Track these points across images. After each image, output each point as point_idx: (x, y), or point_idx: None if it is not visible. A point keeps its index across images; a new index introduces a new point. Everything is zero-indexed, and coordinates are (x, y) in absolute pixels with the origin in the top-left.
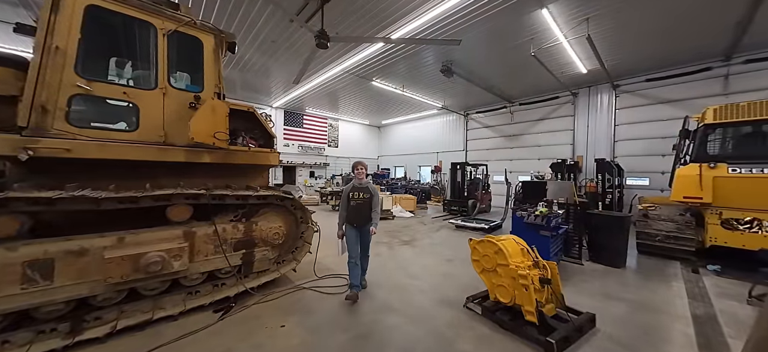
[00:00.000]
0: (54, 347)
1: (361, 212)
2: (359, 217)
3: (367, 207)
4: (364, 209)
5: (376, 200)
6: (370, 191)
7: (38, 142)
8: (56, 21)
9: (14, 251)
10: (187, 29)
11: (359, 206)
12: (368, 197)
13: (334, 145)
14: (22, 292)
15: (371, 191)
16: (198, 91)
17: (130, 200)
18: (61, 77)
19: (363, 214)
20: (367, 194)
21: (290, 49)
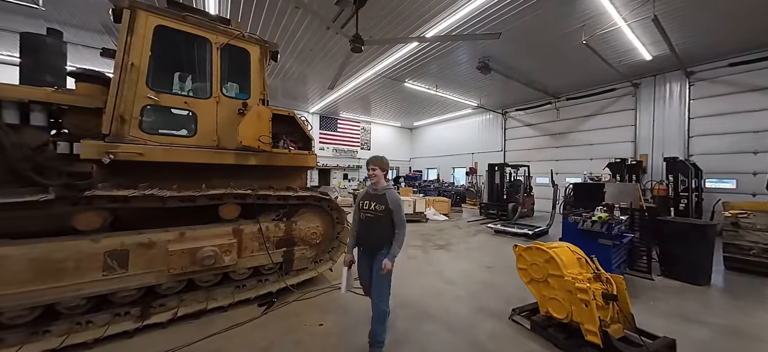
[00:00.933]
0: (127, 328)
1: (373, 231)
2: (370, 237)
3: (381, 225)
4: (377, 226)
5: (399, 217)
6: (386, 200)
7: (117, 148)
8: (131, 41)
9: (98, 242)
10: (236, 42)
11: (370, 221)
12: (383, 210)
13: (367, 148)
14: (104, 278)
15: (390, 202)
16: (245, 99)
17: (189, 198)
18: (136, 90)
19: (376, 233)
20: (382, 205)
21: (326, 56)
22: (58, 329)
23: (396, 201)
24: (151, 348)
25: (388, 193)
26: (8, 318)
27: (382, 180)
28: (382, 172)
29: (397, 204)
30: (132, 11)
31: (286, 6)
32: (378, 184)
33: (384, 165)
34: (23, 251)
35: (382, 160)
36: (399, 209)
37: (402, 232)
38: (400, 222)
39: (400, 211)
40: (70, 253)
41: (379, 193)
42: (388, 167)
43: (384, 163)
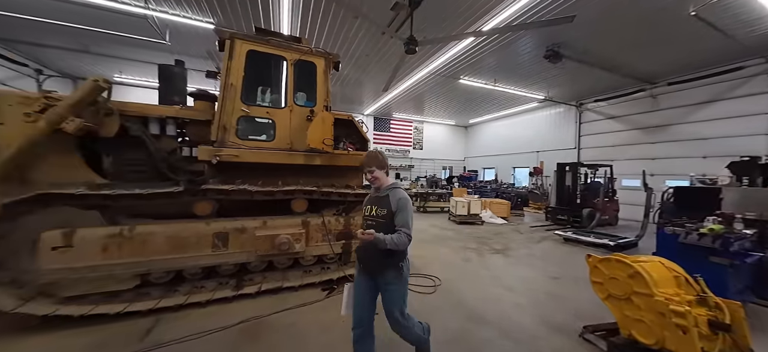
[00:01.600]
0: (226, 295)
1: (373, 244)
2: (368, 252)
3: (382, 233)
4: (377, 238)
5: (402, 218)
6: (389, 202)
7: (222, 151)
8: (231, 65)
9: (209, 225)
10: (306, 57)
11: (371, 229)
12: (385, 215)
13: (419, 148)
14: (212, 254)
15: (392, 202)
16: (312, 106)
17: (270, 193)
18: (233, 105)
19: (376, 248)
20: (384, 209)
21: (381, 60)
22: (184, 289)
23: (401, 199)
24: (243, 313)
25: (392, 193)
26: (154, 278)
27: (384, 179)
28: (381, 171)
29: (402, 203)
30: (232, 40)
31: (345, 18)
32: (381, 185)
33: (381, 162)
34: (163, 230)
35: (377, 157)
36: (404, 209)
37: (403, 235)
38: (404, 223)
39: (405, 212)
40: (192, 232)
41: (382, 194)
42: (387, 164)
43: (380, 159)
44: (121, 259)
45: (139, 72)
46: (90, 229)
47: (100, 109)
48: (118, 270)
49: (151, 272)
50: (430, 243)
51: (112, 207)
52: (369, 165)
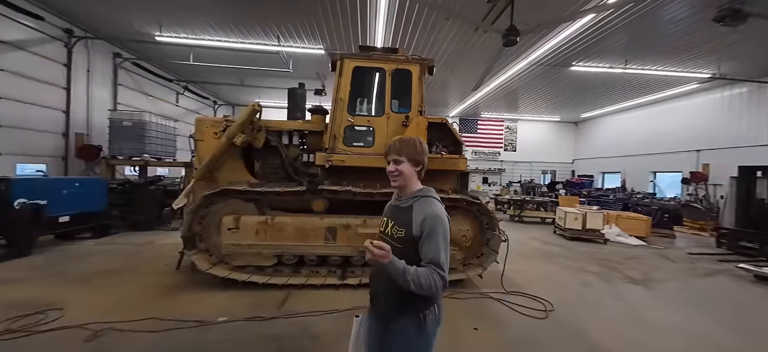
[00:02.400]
0: (334, 283)
1: (384, 276)
2: (378, 287)
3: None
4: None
5: (432, 248)
6: (410, 219)
7: (332, 157)
8: (340, 82)
9: (322, 220)
10: (402, 65)
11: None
12: (404, 237)
13: (511, 149)
14: (324, 245)
15: (416, 221)
16: (407, 112)
17: (369, 194)
18: (342, 116)
19: (388, 281)
20: (402, 228)
21: (470, 58)
22: (305, 271)
23: (430, 217)
24: (347, 301)
25: (418, 204)
26: (285, 259)
27: (411, 179)
28: (411, 166)
29: (431, 223)
30: (341, 60)
31: (436, 21)
32: (404, 188)
33: (415, 152)
34: (292, 221)
35: (410, 144)
36: (433, 233)
37: (436, 274)
38: (434, 256)
39: (435, 238)
40: (310, 225)
41: (403, 204)
42: (424, 159)
43: (414, 148)
44: (266, 241)
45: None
46: (249, 216)
47: (254, 126)
48: (264, 250)
49: (283, 254)
50: (532, 258)
51: (262, 201)
52: (394, 152)
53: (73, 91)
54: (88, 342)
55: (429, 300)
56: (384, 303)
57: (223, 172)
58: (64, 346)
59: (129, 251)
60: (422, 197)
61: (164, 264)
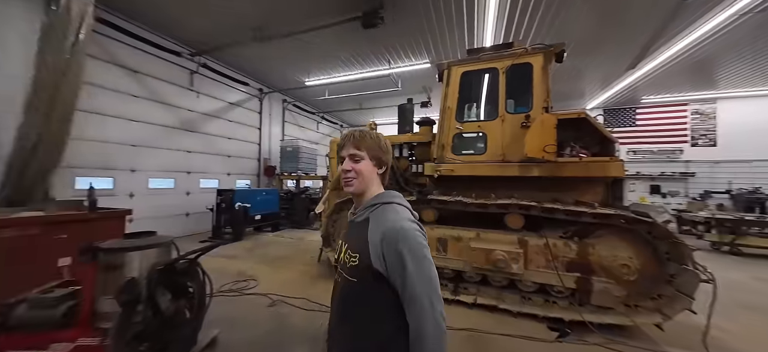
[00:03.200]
0: (446, 297)
1: (339, 316)
2: (335, 329)
3: (351, 303)
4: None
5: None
6: (366, 239)
7: (440, 167)
8: (448, 91)
9: (433, 230)
10: (520, 59)
11: (336, 291)
12: (357, 266)
13: (707, 143)
14: (436, 256)
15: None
16: (527, 111)
17: (482, 206)
18: (449, 124)
19: (343, 325)
20: (356, 253)
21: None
22: None
23: (392, 235)
24: (459, 319)
25: (375, 216)
26: None
27: (371, 185)
28: (372, 165)
29: (396, 244)
30: (448, 69)
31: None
32: (361, 195)
33: (377, 148)
34: None
35: (371, 137)
36: (408, 255)
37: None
38: (420, 286)
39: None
40: None
41: (358, 219)
42: (389, 156)
43: (376, 142)
44: None
45: (385, 114)
46: None
47: None
48: None
49: None
50: (762, 312)
51: None
52: (352, 145)
53: (263, 130)
54: (269, 308)
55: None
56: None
57: None
58: (256, 307)
59: (291, 243)
60: (382, 204)
61: (310, 257)
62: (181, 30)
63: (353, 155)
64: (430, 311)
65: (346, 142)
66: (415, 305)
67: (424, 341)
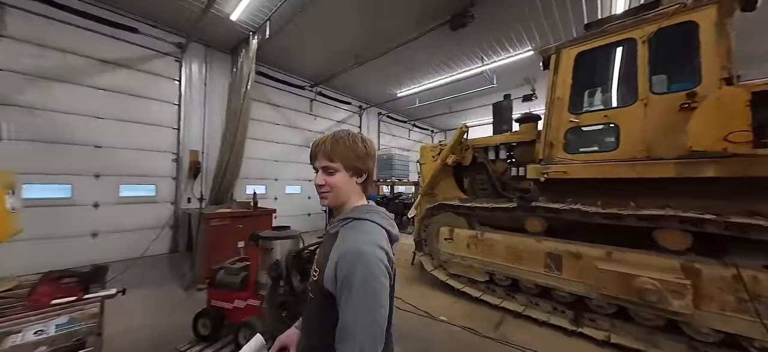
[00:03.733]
0: (563, 325)
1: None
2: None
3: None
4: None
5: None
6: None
7: (548, 169)
8: (556, 79)
9: (540, 243)
10: (673, 19)
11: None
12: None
13: None
14: (545, 274)
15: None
16: (691, 88)
17: (615, 216)
18: (560, 118)
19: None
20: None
21: None
22: (520, 298)
23: (349, 259)
24: None
25: (343, 232)
26: (497, 279)
27: (349, 197)
28: (348, 176)
29: (352, 271)
30: (557, 53)
31: None
32: (339, 207)
33: (353, 155)
34: (502, 239)
35: (345, 143)
36: (347, 281)
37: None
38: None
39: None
40: (524, 247)
41: (332, 230)
42: (371, 160)
43: (352, 149)
44: (476, 255)
45: (477, 115)
46: (461, 229)
47: (463, 146)
48: (475, 264)
49: (495, 272)
50: None
51: (471, 216)
52: (323, 157)
53: None
54: None
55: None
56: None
57: (440, 188)
58: None
59: None
60: (354, 219)
61: (404, 259)
62: (304, 68)
63: (326, 168)
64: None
65: (317, 153)
66: (345, 335)
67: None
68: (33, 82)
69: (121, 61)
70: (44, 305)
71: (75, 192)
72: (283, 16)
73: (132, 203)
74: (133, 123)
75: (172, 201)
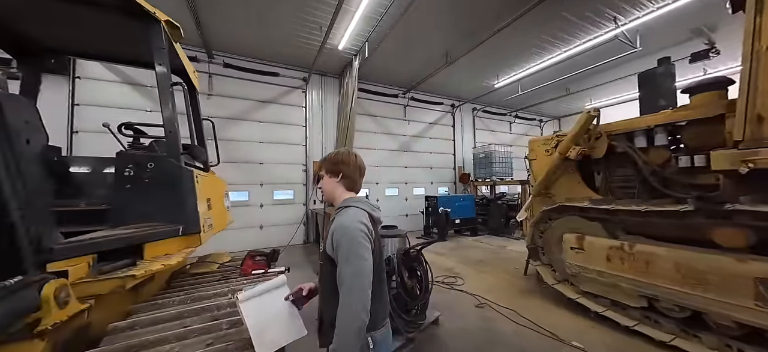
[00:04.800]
0: None
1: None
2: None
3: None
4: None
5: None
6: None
7: (757, 154)
8: (762, 21)
9: (744, 263)
10: None
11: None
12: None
13: None
14: (756, 308)
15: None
16: None
17: None
18: None
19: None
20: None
21: None
22: (707, 340)
23: (336, 233)
24: None
25: (337, 215)
26: (663, 307)
27: (335, 193)
28: (328, 178)
29: (336, 241)
30: None
31: None
32: (333, 201)
33: (330, 162)
34: (668, 254)
35: (328, 157)
36: (340, 251)
37: (350, 299)
38: (346, 279)
39: (342, 257)
40: (712, 266)
41: (332, 218)
42: (342, 165)
43: (330, 159)
44: (624, 273)
45: (609, 92)
46: (595, 238)
47: (591, 135)
48: (623, 283)
49: (658, 298)
50: None
51: (611, 221)
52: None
53: (456, 140)
54: (477, 308)
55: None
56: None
57: (559, 187)
58: (465, 303)
59: (491, 249)
60: (343, 208)
61: (514, 267)
62: (397, 77)
63: (319, 177)
64: (347, 297)
65: (316, 171)
66: (341, 283)
67: (341, 315)
68: (226, 122)
69: (270, 99)
70: (248, 273)
71: (250, 196)
72: (380, 34)
73: (280, 204)
74: (278, 144)
75: (304, 203)
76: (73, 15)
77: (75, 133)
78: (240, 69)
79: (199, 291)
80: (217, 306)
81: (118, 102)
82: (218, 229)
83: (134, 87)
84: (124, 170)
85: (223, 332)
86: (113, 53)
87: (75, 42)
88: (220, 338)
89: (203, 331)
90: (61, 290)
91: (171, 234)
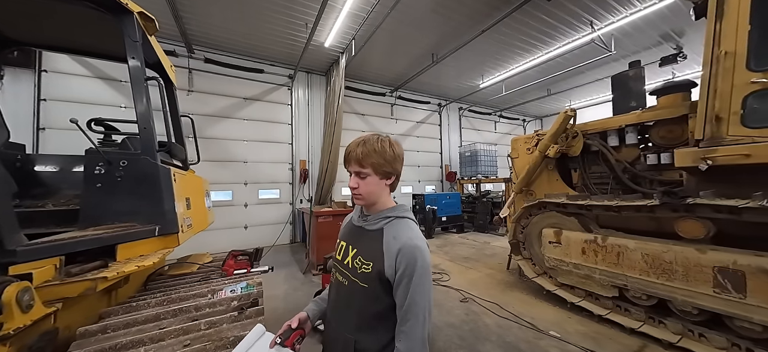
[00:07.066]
0: None
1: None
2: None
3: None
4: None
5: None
6: (381, 249)
7: (715, 152)
8: (720, 27)
9: (704, 253)
10: None
11: (342, 291)
12: (370, 273)
13: None
14: (714, 295)
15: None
16: None
17: None
18: (732, 81)
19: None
20: (370, 261)
21: None
22: (672, 325)
23: (410, 253)
24: None
25: (390, 228)
26: (632, 296)
27: (380, 197)
28: (379, 179)
29: (412, 264)
30: None
31: None
32: (371, 206)
33: (382, 160)
34: (637, 246)
35: (375, 148)
36: (414, 278)
37: (423, 334)
38: (414, 318)
39: (416, 287)
40: (676, 257)
41: (371, 226)
42: (399, 163)
43: (381, 154)
44: (596, 265)
45: (585, 94)
46: (572, 232)
47: (568, 134)
48: (597, 274)
49: (627, 287)
50: None
51: (585, 216)
52: (355, 162)
53: (442, 139)
54: (462, 303)
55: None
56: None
57: (539, 184)
58: (451, 298)
59: (476, 246)
60: (396, 218)
61: (498, 263)
62: (384, 75)
63: (359, 172)
64: (422, 323)
65: (350, 159)
66: (412, 312)
67: (409, 346)
68: (208, 120)
69: (255, 97)
70: (230, 273)
71: (234, 196)
72: (368, 31)
73: (266, 203)
74: (264, 142)
75: (290, 202)
76: (38, 4)
77: (41, 130)
78: (222, 65)
79: (178, 292)
80: (196, 307)
81: (90, 98)
82: (199, 229)
83: (107, 82)
84: (95, 169)
85: (201, 333)
86: (82, 46)
87: (40, 33)
88: (198, 338)
89: (180, 332)
90: (24, 293)
91: (146, 235)
